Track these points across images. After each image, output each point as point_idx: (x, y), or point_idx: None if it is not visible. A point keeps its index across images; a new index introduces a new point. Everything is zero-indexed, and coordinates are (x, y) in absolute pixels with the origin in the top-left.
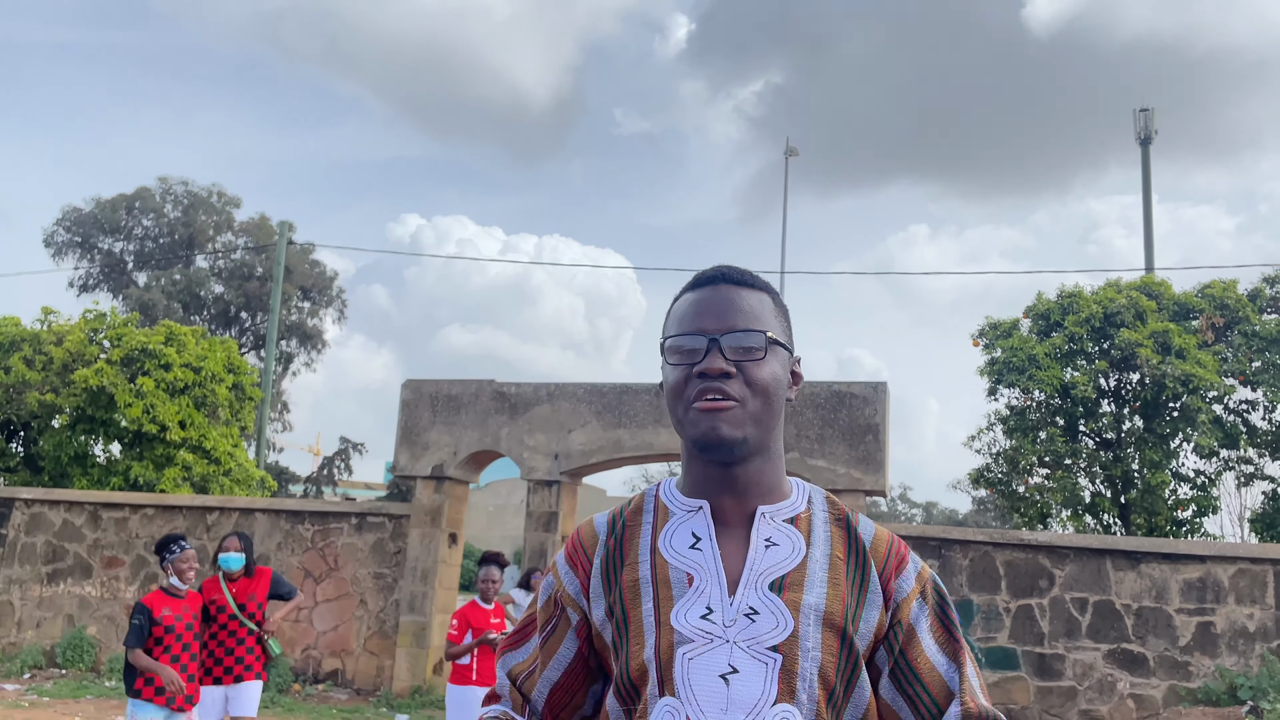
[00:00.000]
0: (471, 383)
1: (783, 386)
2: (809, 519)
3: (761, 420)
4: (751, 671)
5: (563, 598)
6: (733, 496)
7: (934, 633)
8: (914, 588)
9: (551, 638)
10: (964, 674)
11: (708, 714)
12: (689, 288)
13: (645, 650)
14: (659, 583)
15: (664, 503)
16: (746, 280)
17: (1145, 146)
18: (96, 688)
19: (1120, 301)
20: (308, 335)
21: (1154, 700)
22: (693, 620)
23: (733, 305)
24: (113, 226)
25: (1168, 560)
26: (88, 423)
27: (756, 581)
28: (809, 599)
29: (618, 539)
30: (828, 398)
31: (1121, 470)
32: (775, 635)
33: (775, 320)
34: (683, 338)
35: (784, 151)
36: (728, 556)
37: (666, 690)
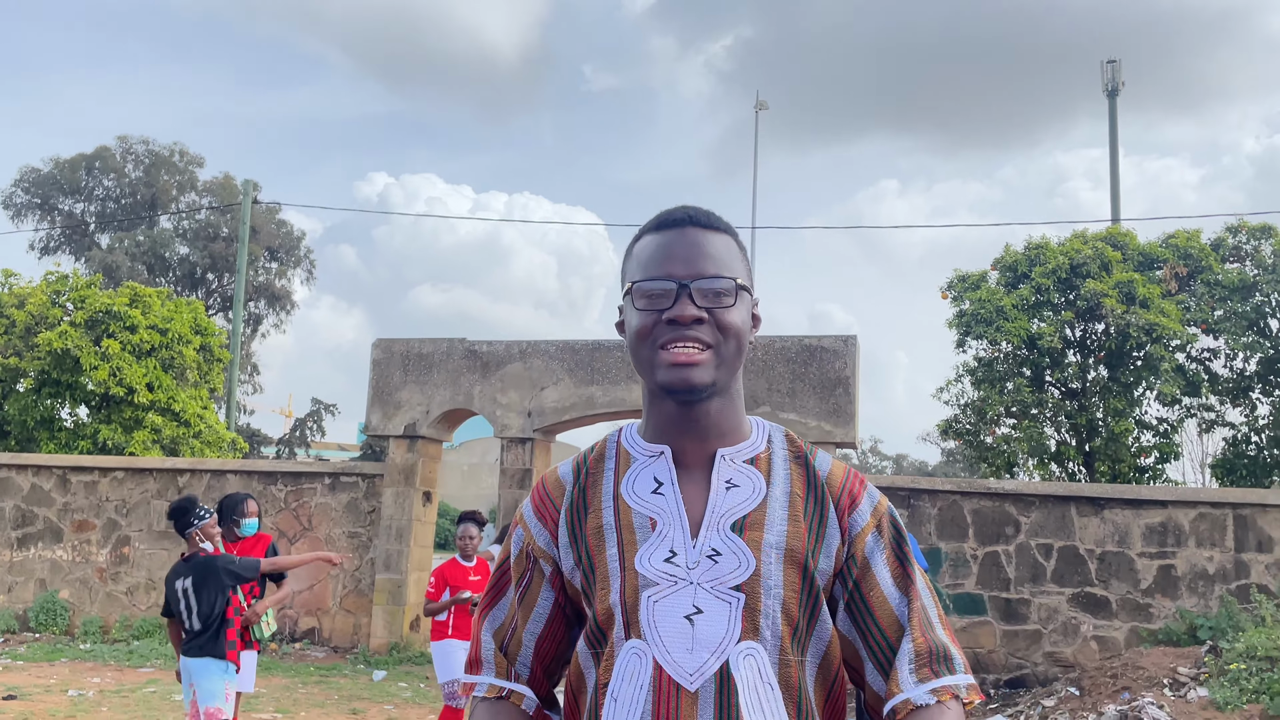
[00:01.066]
0: (443, 341)
1: (748, 330)
2: (769, 458)
3: (729, 364)
4: (716, 611)
5: (533, 549)
6: (694, 439)
7: (889, 565)
8: (869, 521)
9: (528, 591)
10: (914, 607)
11: (673, 654)
12: (653, 229)
13: (611, 595)
14: (622, 528)
15: (625, 449)
16: (712, 223)
17: (1112, 98)
18: (71, 650)
19: (1086, 252)
20: (276, 296)
21: (1116, 641)
22: (656, 564)
23: (701, 250)
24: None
25: (1130, 506)
26: (53, 386)
27: (718, 523)
28: (770, 537)
29: (581, 487)
30: (798, 352)
31: (1086, 419)
32: (738, 575)
33: (740, 264)
34: (651, 283)
35: (754, 106)
36: (689, 500)
37: (633, 633)
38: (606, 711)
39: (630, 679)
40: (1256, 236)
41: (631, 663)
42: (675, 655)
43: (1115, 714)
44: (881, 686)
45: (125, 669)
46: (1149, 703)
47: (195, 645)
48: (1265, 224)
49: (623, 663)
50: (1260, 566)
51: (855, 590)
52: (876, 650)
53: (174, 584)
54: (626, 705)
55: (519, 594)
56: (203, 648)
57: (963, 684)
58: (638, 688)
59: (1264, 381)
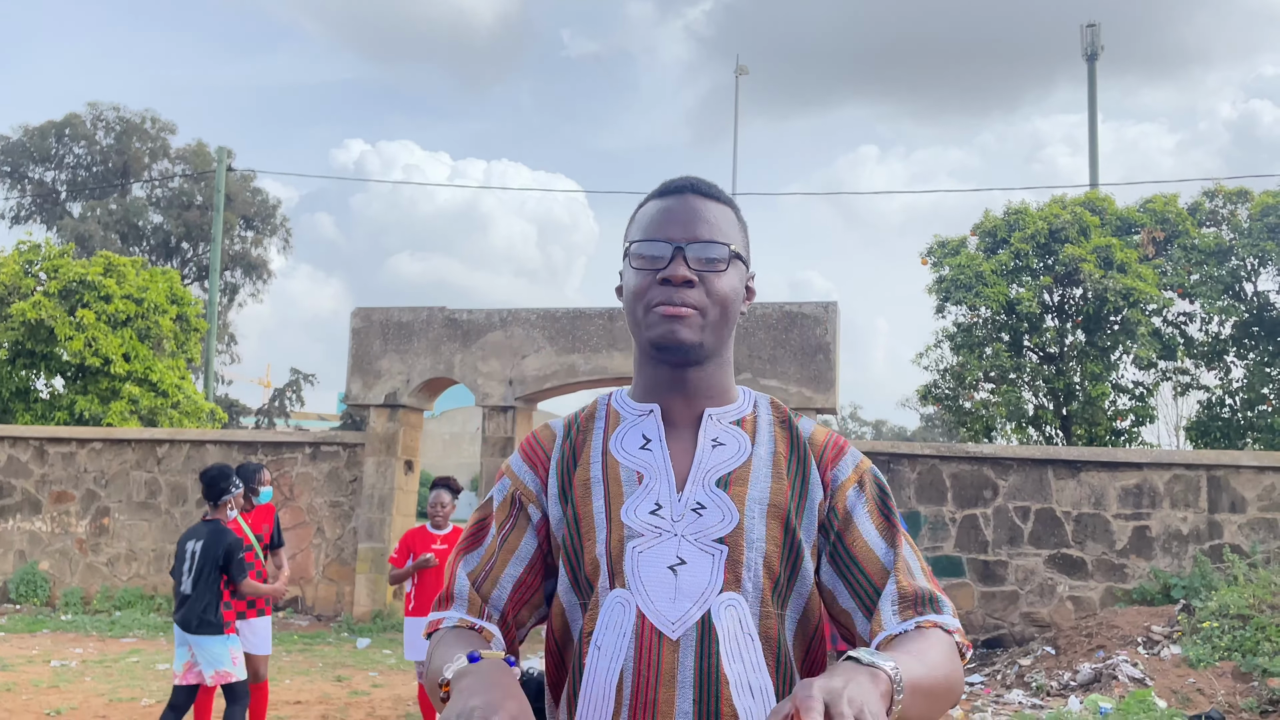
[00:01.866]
0: (423, 310)
1: (739, 298)
2: (754, 420)
3: (717, 329)
4: (699, 562)
5: (522, 495)
6: (683, 399)
7: (872, 518)
8: (851, 475)
9: (511, 534)
10: (899, 555)
11: (656, 603)
12: (656, 195)
13: (597, 545)
14: (610, 481)
15: (615, 409)
16: (713, 193)
17: (1091, 63)
18: (52, 621)
19: (1065, 217)
20: (252, 265)
21: (1091, 601)
22: (642, 515)
23: (699, 216)
24: (43, 155)
25: (1106, 468)
26: (28, 357)
27: (704, 479)
28: (753, 492)
29: (572, 443)
30: (779, 318)
31: (1064, 383)
32: (721, 528)
33: (738, 234)
34: (648, 244)
35: (734, 71)
36: (676, 456)
37: (617, 582)
38: (590, 659)
39: (614, 627)
40: (1233, 201)
41: (616, 611)
42: (658, 604)
43: (1090, 672)
44: (869, 632)
45: (107, 639)
46: (1123, 660)
47: (191, 616)
48: (1242, 188)
49: (607, 611)
50: (1233, 527)
51: (838, 541)
52: (863, 597)
53: (185, 543)
54: (610, 652)
55: (501, 537)
56: (200, 623)
57: (950, 624)
58: (621, 635)
59: (1238, 345)
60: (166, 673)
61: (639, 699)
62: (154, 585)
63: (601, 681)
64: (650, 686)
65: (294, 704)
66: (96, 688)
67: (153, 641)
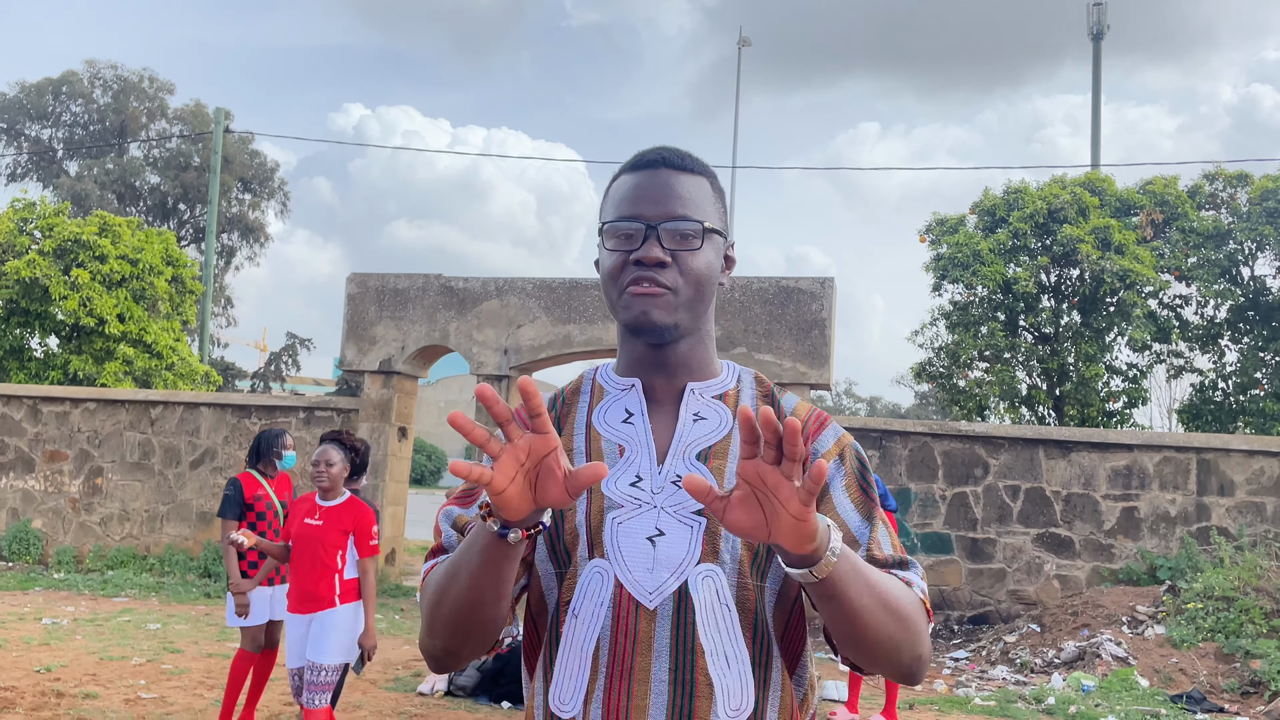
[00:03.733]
0: (419, 277)
1: (716, 273)
2: (736, 395)
3: (693, 307)
4: (677, 534)
5: None
6: (664, 375)
7: (849, 492)
8: (830, 449)
9: None
10: (874, 529)
11: (634, 573)
12: (628, 169)
13: (577, 515)
14: (592, 454)
15: (599, 383)
16: (686, 164)
17: (1097, 42)
18: (45, 579)
19: (1064, 198)
20: (249, 228)
21: (1078, 580)
22: (622, 487)
23: (672, 192)
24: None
25: (1097, 449)
26: (22, 315)
27: (684, 452)
28: (733, 466)
29: (557, 415)
30: (775, 293)
31: (1058, 364)
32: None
33: (713, 207)
34: (620, 223)
35: (737, 42)
36: (658, 430)
37: (596, 552)
38: (567, 628)
39: (591, 597)
40: (1233, 184)
41: (594, 581)
42: (636, 574)
43: (1074, 650)
44: None
45: (99, 598)
46: (1107, 639)
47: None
48: (1242, 172)
49: (585, 581)
50: (1221, 510)
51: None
52: None
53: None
54: (587, 621)
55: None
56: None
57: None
58: (598, 604)
59: (1233, 329)
60: (157, 632)
61: (615, 666)
62: (146, 545)
63: (579, 649)
64: (627, 654)
65: (279, 665)
66: (87, 646)
67: (144, 601)
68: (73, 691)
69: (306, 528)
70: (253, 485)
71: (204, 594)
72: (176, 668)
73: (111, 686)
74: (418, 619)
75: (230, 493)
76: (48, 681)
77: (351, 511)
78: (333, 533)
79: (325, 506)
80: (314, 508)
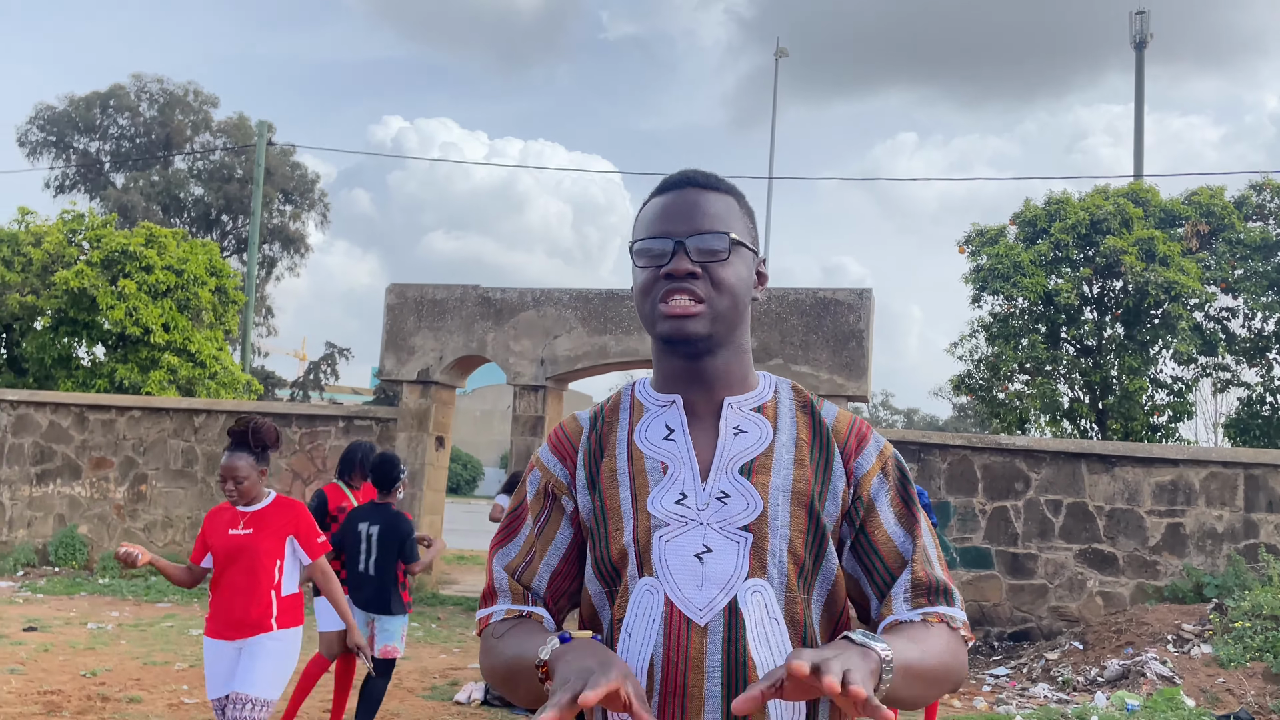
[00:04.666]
0: (457, 287)
1: (747, 286)
2: (775, 407)
3: (725, 318)
4: (724, 550)
5: (554, 487)
6: (702, 389)
7: (893, 506)
8: (874, 464)
9: (547, 525)
10: (918, 544)
11: (684, 590)
12: (656, 192)
13: (624, 535)
14: (635, 472)
15: (638, 399)
16: (712, 184)
17: (1140, 51)
18: (90, 584)
19: (1107, 208)
20: (290, 239)
21: (1122, 598)
22: (668, 505)
23: (698, 208)
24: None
25: (1141, 464)
26: (70, 325)
27: (727, 467)
28: (776, 480)
29: (598, 434)
30: (813, 304)
31: (1100, 376)
32: (746, 516)
33: (739, 222)
34: (650, 241)
35: (774, 53)
36: (699, 445)
37: (645, 571)
38: (620, 645)
39: (643, 614)
40: None
41: (644, 599)
42: (686, 591)
43: (1118, 668)
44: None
45: (143, 604)
46: (1152, 658)
47: (371, 596)
48: None
49: (636, 599)
50: (1270, 526)
51: (861, 529)
52: (880, 584)
53: (358, 525)
54: (640, 639)
55: (537, 528)
56: (387, 603)
57: (957, 617)
58: (650, 622)
59: None
60: (198, 638)
61: (669, 684)
62: (188, 552)
63: (632, 667)
64: (680, 672)
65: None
66: (131, 651)
67: (186, 607)
68: (117, 696)
69: (232, 540)
70: (338, 497)
71: None
72: None
73: (155, 691)
74: (454, 628)
75: (313, 504)
76: (93, 686)
77: (285, 512)
78: (267, 540)
79: (251, 512)
80: (236, 516)
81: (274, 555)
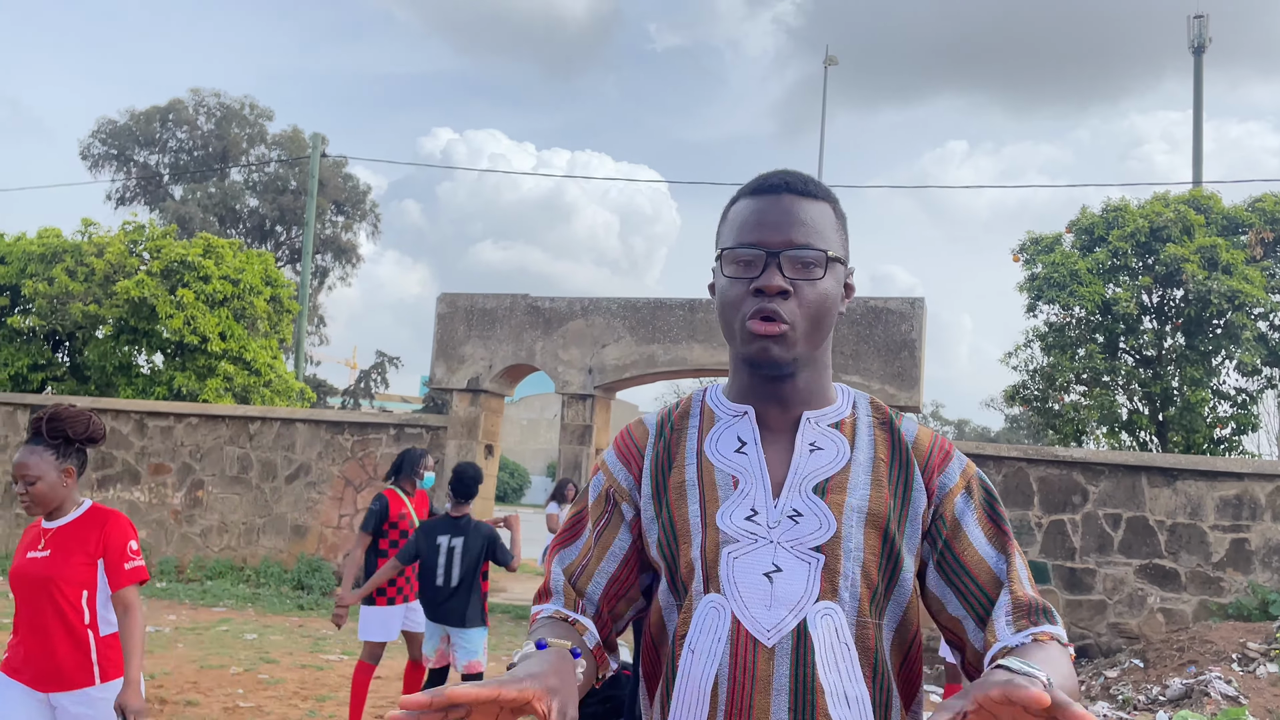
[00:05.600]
0: (506, 297)
1: (836, 302)
2: (853, 423)
3: (810, 339)
4: (795, 570)
5: (616, 493)
6: (777, 403)
7: (982, 526)
8: (958, 483)
9: (605, 531)
10: (1012, 564)
11: (752, 610)
12: (749, 193)
13: (692, 549)
14: (705, 484)
15: (710, 407)
16: (810, 190)
17: (1198, 56)
18: (148, 588)
19: (1167, 215)
20: (342, 249)
21: (1184, 615)
22: (737, 521)
23: (794, 218)
24: (147, 139)
25: (1204, 477)
26: (130, 333)
27: (800, 485)
28: (852, 501)
29: (666, 441)
30: (864, 313)
31: (1161, 388)
32: (818, 536)
33: (835, 234)
34: (741, 249)
35: (823, 61)
36: (772, 460)
37: (712, 587)
38: (683, 662)
39: (708, 632)
40: None
41: (710, 616)
42: (753, 611)
43: (1180, 687)
44: (982, 641)
45: (199, 608)
46: (1216, 677)
47: (453, 610)
48: None
49: (701, 616)
50: None
51: (946, 549)
52: (975, 606)
53: (436, 538)
54: (704, 657)
55: (596, 533)
56: (465, 616)
57: (1063, 636)
58: (715, 640)
59: None
60: (254, 642)
61: (734, 705)
62: (243, 557)
63: (696, 685)
64: (746, 693)
65: (375, 678)
66: (188, 654)
67: (241, 612)
68: (175, 698)
69: (29, 564)
70: (398, 504)
71: (297, 606)
72: (272, 678)
73: (211, 695)
74: (503, 635)
75: (375, 507)
76: (152, 688)
77: (95, 527)
78: (69, 564)
79: (54, 528)
80: (39, 535)
81: (80, 584)
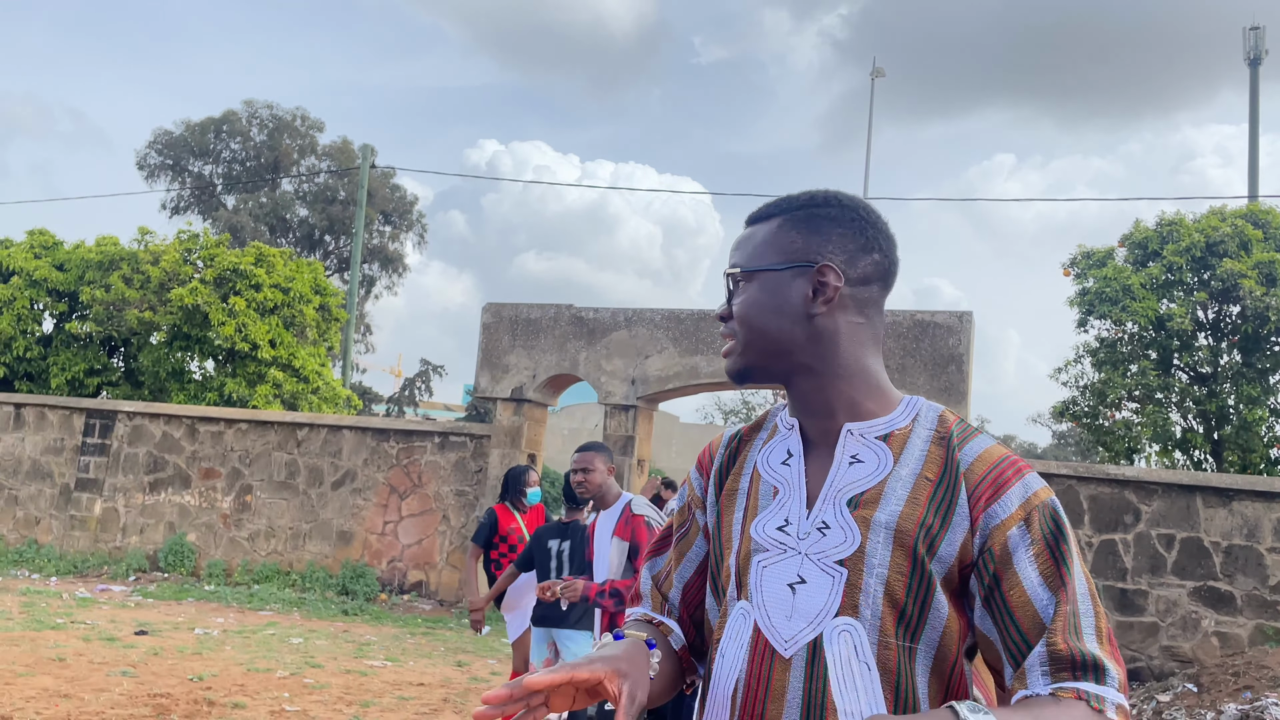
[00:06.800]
0: (550, 307)
1: (773, 309)
2: (907, 436)
3: (754, 347)
4: (818, 583)
5: (694, 502)
6: (815, 415)
7: (1036, 563)
8: (1015, 513)
9: (683, 540)
10: (1061, 610)
11: (774, 619)
12: None
13: (731, 556)
14: (751, 494)
15: (776, 422)
16: (762, 214)
17: (1254, 68)
18: (197, 591)
19: (1224, 230)
20: (389, 259)
21: (1239, 639)
22: (769, 531)
23: (735, 247)
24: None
25: (1262, 498)
26: (184, 340)
27: (834, 497)
28: (881, 516)
29: (732, 452)
30: (910, 327)
31: (1216, 406)
32: (842, 550)
33: (768, 245)
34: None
35: (870, 73)
36: (812, 473)
37: (743, 594)
38: (716, 665)
39: (735, 638)
40: None
41: (738, 622)
42: (774, 620)
43: (1236, 713)
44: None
45: (247, 611)
46: (1273, 703)
47: (565, 615)
48: None
49: (732, 621)
50: None
51: (993, 586)
52: (1014, 651)
53: (548, 542)
54: (730, 661)
55: (676, 540)
56: (577, 620)
57: (1105, 697)
58: (739, 647)
59: None
60: (300, 646)
61: (748, 711)
62: (289, 562)
63: (722, 689)
64: (759, 701)
65: (417, 685)
66: (236, 657)
67: (287, 616)
68: (223, 701)
69: None
70: (507, 518)
71: (342, 611)
72: (317, 682)
73: (258, 698)
74: None
75: (485, 521)
76: (200, 690)
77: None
78: None
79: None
80: None
81: None
